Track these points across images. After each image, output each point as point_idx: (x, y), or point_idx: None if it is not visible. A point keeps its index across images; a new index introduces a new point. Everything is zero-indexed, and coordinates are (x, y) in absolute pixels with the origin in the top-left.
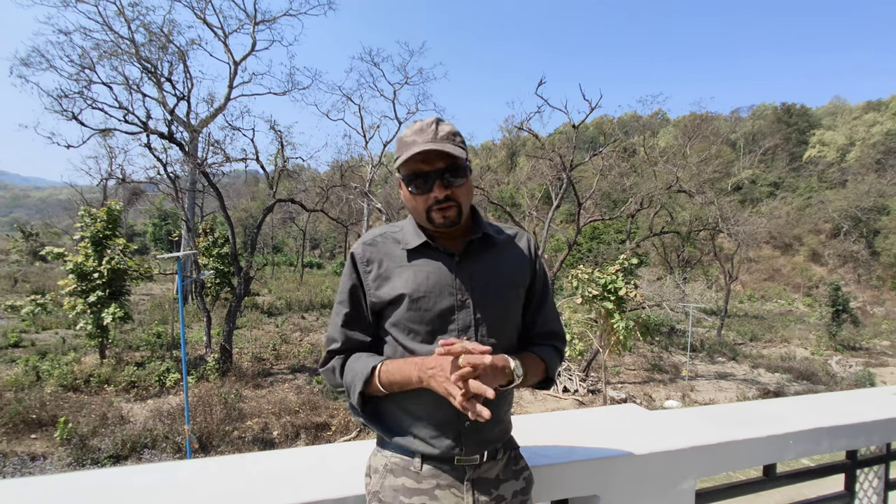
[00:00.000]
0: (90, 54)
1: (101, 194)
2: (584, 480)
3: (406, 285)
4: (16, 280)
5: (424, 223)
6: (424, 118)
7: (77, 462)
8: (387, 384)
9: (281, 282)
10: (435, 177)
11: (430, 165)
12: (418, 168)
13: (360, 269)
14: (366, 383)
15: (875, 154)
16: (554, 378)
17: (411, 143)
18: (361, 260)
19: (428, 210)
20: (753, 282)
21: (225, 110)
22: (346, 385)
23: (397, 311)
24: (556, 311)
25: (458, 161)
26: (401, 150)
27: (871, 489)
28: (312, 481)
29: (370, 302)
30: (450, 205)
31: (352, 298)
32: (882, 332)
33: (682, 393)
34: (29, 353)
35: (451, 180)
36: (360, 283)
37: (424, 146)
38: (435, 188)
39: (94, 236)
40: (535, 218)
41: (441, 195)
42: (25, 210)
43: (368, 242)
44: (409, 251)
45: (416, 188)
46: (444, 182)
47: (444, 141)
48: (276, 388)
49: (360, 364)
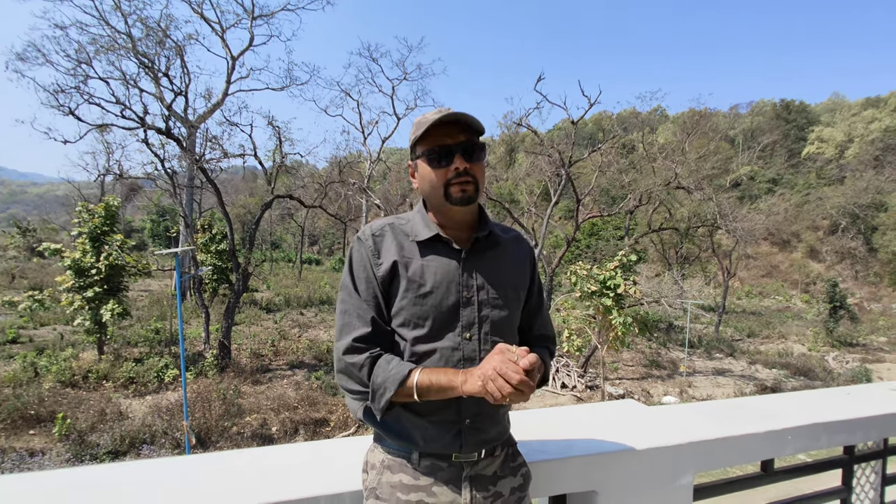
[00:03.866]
0: (87, 49)
1: (98, 190)
2: (582, 476)
3: (413, 277)
4: (13, 276)
5: (441, 202)
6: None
7: (76, 458)
8: (425, 387)
9: (279, 278)
10: (456, 150)
11: (452, 138)
12: (441, 141)
13: (370, 259)
14: (400, 384)
15: (873, 151)
16: (547, 378)
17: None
18: (371, 250)
19: (447, 184)
20: (751, 278)
21: (223, 106)
22: (374, 387)
23: (402, 303)
24: (549, 315)
25: (477, 137)
26: (420, 128)
27: (868, 484)
28: (310, 477)
29: (381, 290)
30: (468, 179)
31: (368, 282)
32: (879, 328)
33: (679, 389)
34: (27, 349)
35: (471, 154)
36: (372, 270)
37: (447, 112)
38: (456, 160)
39: (91, 232)
40: (533, 214)
41: (462, 167)
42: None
43: (377, 233)
44: (418, 244)
45: (438, 161)
46: (465, 155)
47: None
48: (274, 384)
49: (394, 367)
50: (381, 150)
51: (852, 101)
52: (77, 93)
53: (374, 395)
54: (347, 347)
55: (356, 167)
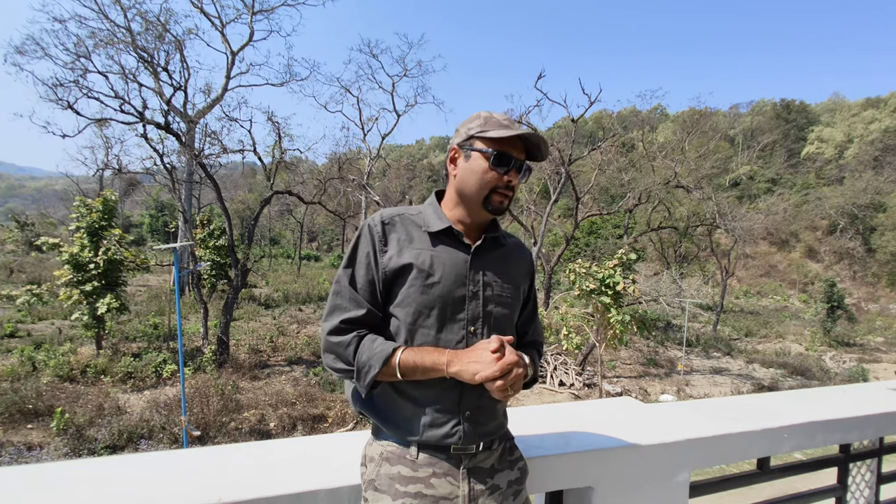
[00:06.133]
0: (86, 43)
1: (97, 185)
2: (579, 472)
3: (422, 265)
4: (11, 270)
5: (477, 202)
6: (492, 111)
7: (74, 452)
8: (410, 367)
9: (278, 274)
10: (516, 164)
11: (517, 152)
12: (508, 149)
13: (376, 245)
14: (384, 363)
15: (873, 151)
16: (536, 379)
17: (508, 127)
18: (379, 236)
19: (493, 189)
20: (749, 278)
21: (222, 101)
22: (358, 365)
23: (408, 291)
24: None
25: (531, 163)
26: (493, 127)
27: (863, 483)
28: (308, 471)
29: (382, 277)
30: (510, 193)
31: (368, 268)
32: (876, 328)
33: (677, 387)
34: (25, 343)
35: (522, 175)
36: (375, 256)
37: (532, 133)
38: (512, 173)
39: (89, 227)
40: (532, 212)
41: (514, 182)
42: (21, 200)
43: (387, 221)
44: (430, 234)
45: (499, 165)
46: (519, 173)
47: None
48: (272, 379)
49: (378, 345)
50: (380, 146)
51: (852, 102)
52: (76, 87)
53: (359, 374)
54: (334, 328)
55: (356, 164)
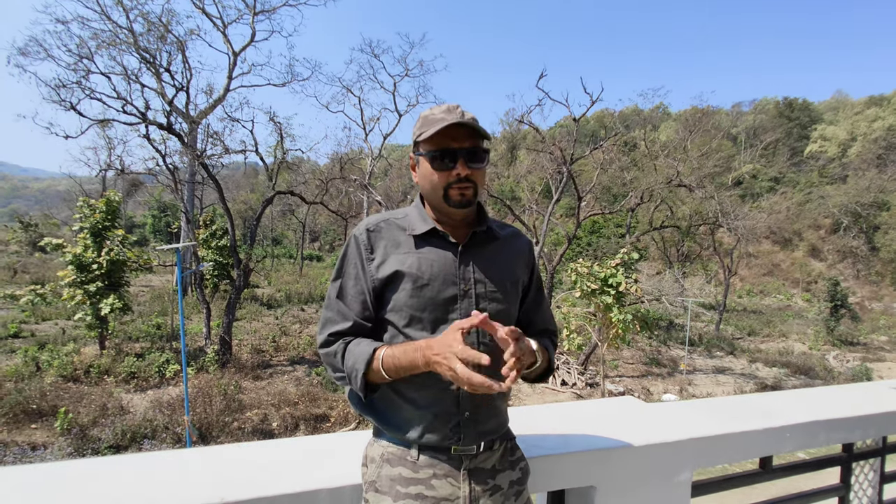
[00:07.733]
0: (88, 44)
1: (100, 185)
2: (580, 471)
3: (410, 270)
4: (15, 271)
5: (439, 202)
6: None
7: (77, 452)
8: (392, 368)
9: (280, 274)
10: (460, 154)
11: (457, 143)
12: (446, 144)
13: (363, 254)
14: (367, 365)
15: (876, 149)
16: (553, 368)
17: (440, 120)
18: (365, 245)
19: (447, 187)
20: (752, 277)
21: (224, 101)
22: (347, 370)
23: (399, 296)
24: (550, 309)
25: (482, 144)
26: (427, 126)
27: (866, 482)
28: (310, 471)
29: (371, 286)
30: (468, 185)
31: (356, 279)
32: (880, 327)
33: (679, 387)
34: (29, 343)
35: (473, 161)
36: (362, 266)
37: (459, 118)
38: (458, 165)
39: (93, 227)
40: (534, 212)
41: (464, 173)
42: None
43: (372, 229)
44: (415, 237)
45: (441, 163)
46: (468, 161)
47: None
48: (275, 379)
49: (361, 348)
50: (382, 146)
51: (855, 100)
52: (79, 88)
53: (349, 379)
54: (324, 341)
55: (357, 164)
